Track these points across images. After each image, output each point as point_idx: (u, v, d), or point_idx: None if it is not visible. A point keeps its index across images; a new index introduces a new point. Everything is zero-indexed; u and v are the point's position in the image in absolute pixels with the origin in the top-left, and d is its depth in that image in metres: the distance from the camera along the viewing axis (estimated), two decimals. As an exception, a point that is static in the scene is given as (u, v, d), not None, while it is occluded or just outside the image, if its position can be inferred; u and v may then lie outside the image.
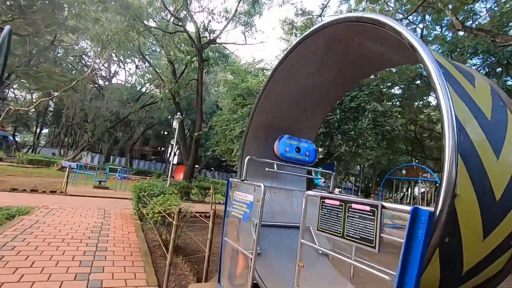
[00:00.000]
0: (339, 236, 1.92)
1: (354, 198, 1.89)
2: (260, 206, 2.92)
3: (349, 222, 1.86)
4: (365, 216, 1.77)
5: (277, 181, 4.38)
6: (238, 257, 3.43)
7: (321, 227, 2.09)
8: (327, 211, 2.06)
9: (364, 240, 1.74)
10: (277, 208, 4.01)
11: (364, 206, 1.78)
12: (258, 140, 4.17)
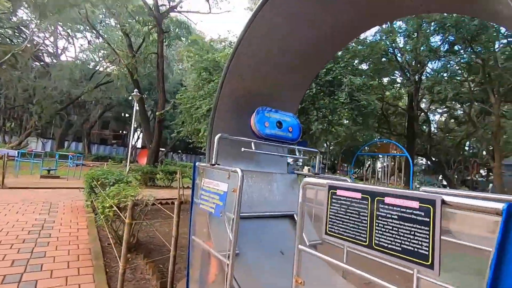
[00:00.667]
0: (363, 245, 1.28)
1: (385, 188, 1.24)
2: (237, 197, 2.21)
3: (381, 226, 1.22)
4: (410, 218, 1.13)
5: (254, 164, 3.68)
6: (210, 261, 2.74)
7: (332, 230, 1.44)
8: (341, 208, 1.40)
9: (411, 255, 1.11)
10: (256, 196, 3.34)
11: (409, 202, 1.13)
12: (230, 113, 3.39)
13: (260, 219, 3.26)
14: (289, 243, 3.26)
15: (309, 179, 1.66)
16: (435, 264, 1.03)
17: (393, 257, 1.16)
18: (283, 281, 2.71)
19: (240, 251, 2.76)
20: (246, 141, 2.96)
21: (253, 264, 2.74)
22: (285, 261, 2.97)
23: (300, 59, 3.31)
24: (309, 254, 3.25)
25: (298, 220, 1.68)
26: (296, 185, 3.79)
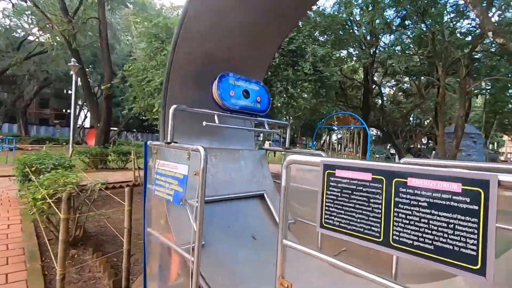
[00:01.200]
0: (376, 241, 0.96)
1: (408, 166, 0.91)
2: (200, 181, 1.80)
3: (402, 217, 0.90)
4: (448, 205, 0.81)
5: (218, 140, 3.23)
6: (171, 257, 2.32)
7: (330, 222, 1.10)
8: (343, 193, 1.06)
9: (449, 256, 0.81)
10: (221, 177, 2.93)
11: (447, 184, 0.81)
12: (187, 82, 2.85)
13: (227, 202, 2.89)
14: (260, 225, 2.97)
15: (295, 157, 1.29)
16: (488, 268, 0.74)
17: (420, 258, 0.86)
18: (258, 270, 2.42)
19: (206, 242, 2.38)
20: (208, 113, 2.49)
21: (222, 255, 2.39)
22: (258, 247, 2.68)
23: (266, 17, 2.82)
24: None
25: (281, 210, 1.32)
26: (265, 162, 3.46)
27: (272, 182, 3.39)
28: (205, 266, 2.19)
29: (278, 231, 1.34)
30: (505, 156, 43.92)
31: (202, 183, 1.81)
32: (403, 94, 26.30)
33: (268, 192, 3.23)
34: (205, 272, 2.15)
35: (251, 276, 2.28)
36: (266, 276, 2.34)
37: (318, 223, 1.13)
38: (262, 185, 3.24)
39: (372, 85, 19.73)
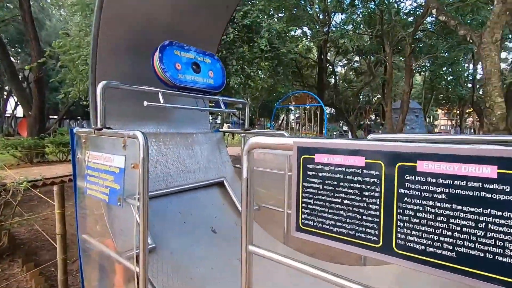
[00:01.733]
0: (373, 247, 0.71)
1: (417, 145, 0.65)
2: (142, 174, 1.42)
3: (411, 214, 0.66)
4: (477, 197, 0.58)
5: (167, 123, 2.79)
6: (113, 266, 1.93)
7: (308, 223, 0.83)
8: (325, 185, 0.79)
9: (480, 267, 0.58)
10: (172, 166, 2.54)
11: (475, 166, 0.57)
12: (121, 50, 2.34)
13: (182, 194, 2.53)
14: (221, 216, 2.68)
15: (259, 139, 0.98)
16: (538, 283, 0.52)
17: (436, 270, 0.63)
18: (220, 268, 2.14)
19: (158, 243, 2.02)
20: (151, 91, 2.05)
21: (178, 256, 2.05)
22: (219, 241, 2.39)
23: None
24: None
25: (243, 207, 1.02)
26: (223, 146, 3.12)
27: (232, 167, 3.08)
28: (157, 273, 1.85)
29: (241, 232, 1.04)
30: (439, 128, 49.00)
31: (143, 177, 1.44)
32: (354, 73, 27.41)
33: (228, 179, 2.92)
34: (156, 280, 1.81)
35: (212, 277, 1.99)
36: (229, 274, 2.08)
37: (293, 225, 0.86)
38: (221, 172, 2.92)
39: (326, 64, 20.12)
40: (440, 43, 15.54)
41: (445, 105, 29.47)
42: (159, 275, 1.84)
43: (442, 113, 45.36)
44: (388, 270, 2.11)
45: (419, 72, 20.23)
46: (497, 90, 6.86)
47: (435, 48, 15.53)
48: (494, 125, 6.88)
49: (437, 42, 15.59)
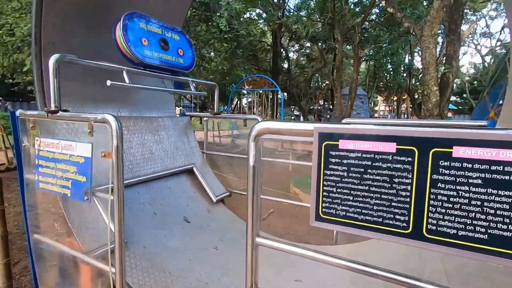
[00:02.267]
0: (402, 234, 0.71)
1: (451, 131, 0.65)
2: (116, 164, 1.26)
3: (443, 199, 0.66)
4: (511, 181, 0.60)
5: (127, 106, 2.52)
6: (78, 269, 1.71)
7: (331, 211, 0.80)
8: (350, 172, 0.76)
9: (508, 245, 0.61)
10: (137, 153, 2.31)
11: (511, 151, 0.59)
12: (74, 18, 1.99)
13: (149, 183, 2.34)
14: (193, 204, 2.56)
15: (268, 124, 0.90)
16: None
17: (467, 252, 0.65)
18: (198, 259, 2.05)
19: (130, 238, 1.85)
20: (114, 69, 1.80)
21: (151, 251, 1.90)
22: (193, 231, 2.29)
23: None
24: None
25: (249, 198, 0.95)
26: (191, 130, 2.95)
27: (201, 153, 2.94)
28: (131, 270, 1.70)
29: (247, 224, 0.97)
30: (378, 113, 53.60)
31: (118, 167, 1.26)
32: (306, 59, 28.19)
33: (197, 165, 2.79)
34: (131, 279, 1.65)
35: (191, 269, 1.90)
36: (208, 264, 2.01)
37: (313, 215, 0.82)
38: (190, 158, 2.77)
39: (280, 49, 20.29)
40: (383, 34, 16.72)
41: (385, 92, 32.20)
42: (133, 272, 1.69)
43: (381, 100, 49.56)
44: (357, 247, 2.25)
45: (366, 60, 21.62)
46: (434, 80, 7.67)
47: (380, 39, 16.69)
48: (430, 111, 7.72)
49: (381, 33, 16.75)
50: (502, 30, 24.53)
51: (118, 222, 1.31)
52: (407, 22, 8.06)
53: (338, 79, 16.17)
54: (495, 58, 20.96)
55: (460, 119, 22.14)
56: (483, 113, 8.98)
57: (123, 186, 1.32)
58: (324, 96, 33.80)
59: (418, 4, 13.50)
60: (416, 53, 19.83)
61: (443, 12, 7.40)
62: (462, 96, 25.83)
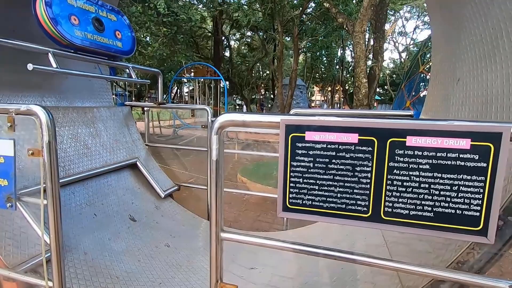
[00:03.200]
0: (363, 218, 0.77)
1: (408, 122, 0.72)
2: (48, 163, 1.10)
3: (398, 185, 0.74)
4: (453, 165, 0.69)
5: (54, 95, 2.18)
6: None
7: (297, 201, 0.82)
8: (316, 162, 0.79)
9: (448, 221, 0.71)
10: (70, 149, 2.04)
11: (454, 140, 0.68)
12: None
13: (86, 182, 2.09)
14: (138, 202, 2.39)
15: (231, 116, 0.87)
16: (490, 228, 0.68)
17: (417, 229, 0.74)
18: (147, 261, 1.93)
19: (67, 245, 1.64)
20: (37, 50, 1.52)
21: (95, 255, 1.72)
22: (140, 230, 2.14)
23: None
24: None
25: (212, 193, 0.91)
26: (132, 122, 2.71)
27: (145, 146, 2.74)
28: (71, 281, 1.51)
29: (210, 219, 0.94)
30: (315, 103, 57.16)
31: (52, 167, 1.10)
32: (247, 48, 28.24)
33: (141, 159, 2.59)
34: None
35: (141, 270, 1.78)
36: (160, 262, 1.91)
37: (280, 206, 0.83)
38: (132, 152, 2.55)
39: (222, 37, 19.90)
40: (319, 27, 17.70)
41: (320, 83, 34.41)
42: (74, 283, 1.50)
43: (318, 90, 52.78)
44: (306, 231, 2.40)
45: (304, 52, 22.63)
46: (363, 72, 8.45)
47: (316, 32, 17.62)
48: (360, 101, 8.52)
49: (317, 27, 17.69)
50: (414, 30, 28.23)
51: (54, 228, 1.15)
52: (341, 17, 8.65)
53: (279, 69, 16.64)
54: (409, 55, 24.08)
55: (383, 108, 25.08)
56: (401, 103, 10.28)
57: (58, 188, 1.15)
58: (266, 86, 34.54)
59: (349, 1, 14.59)
60: (347, 47, 21.55)
61: (371, 10, 8.13)
62: (384, 87, 29.15)
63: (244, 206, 4.42)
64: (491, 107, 1.13)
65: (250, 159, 7.28)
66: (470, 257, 0.91)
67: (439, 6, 1.74)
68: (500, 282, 0.72)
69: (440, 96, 1.70)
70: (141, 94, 34.80)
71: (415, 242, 1.41)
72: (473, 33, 1.35)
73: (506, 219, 0.86)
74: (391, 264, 0.81)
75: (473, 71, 1.31)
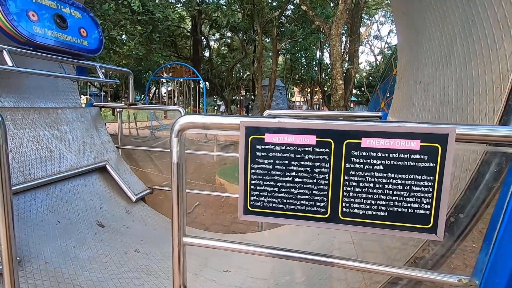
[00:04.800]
0: (321, 219, 0.78)
1: (362, 124, 0.73)
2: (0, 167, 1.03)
3: (354, 185, 0.75)
4: (405, 166, 0.72)
5: (13, 95, 2.05)
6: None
7: (258, 204, 0.82)
8: (276, 165, 0.79)
9: (401, 219, 0.74)
10: (30, 153, 1.92)
11: (405, 141, 0.70)
12: None
13: (50, 187, 1.99)
14: (107, 206, 2.30)
15: (192, 118, 0.85)
16: (439, 226, 0.71)
17: (373, 229, 0.75)
18: (119, 265, 1.86)
19: (25, 255, 1.54)
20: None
21: (58, 265, 1.63)
22: (109, 236, 2.06)
23: None
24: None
25: (174, 197, 0.89)
26: (101, 124, 2.61)
27: (115, 148, 2.65)
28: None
29: (172, 225, 0.92)
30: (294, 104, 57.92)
31: (2, 172, 1.03)
32: (227, 49, 28.14)
33: (111, 162, 2.50)
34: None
35: (109, 277, 1.71)
36: (129, 268, 1.84)
37: (241, 208, 0.82)
38: (101, 154, 2.45)
39: (201, 37, 19.70)
40: (298, 30, 17.96)
41: (300, 84, 34.92)
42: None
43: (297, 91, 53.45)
44: (280, 231, 2.41)
45: (284, 54, 22.86)
46: (339, 74, 8.66)
47: (295, 34, 17.86)
48: (337, 102, 8.73)
49: (296, 29, 17.94)
50: (389, 34, 29.35)
51: (6, 238, 1.08)
52: (318, 20, 8.82)
53: (258, 70, 16.70)
54: (384, 58, 24.99)
55: (360, 109, 25.85)
56: (376, 104, 10.64)
57: (10, 195, 1.08)
58: (246, 87, 34.55)
59: (326, 5, 14.92)
60: (325, 49, 22.01)
61: (346, 14, 8.36)
62: (361, 89, 30.06)
63: (222, 208, 4.38)
64: (447, 109, 1.18)
65: (229, 161, 7.24)
66: (425, 253, 0.95)
67: (403, 13, 1.81)
68: (450, 277, 0.76)
69: (405, 98, 1.77)
70: (118, 95, 33.71)
71: (381, 238, 1.45)
72: (432, 38, 1.42)
73: (457, 216, 0.90)
74: (352, 263, 0.83)
75: (432, 74, 1.37)
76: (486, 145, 0.73)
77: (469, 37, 1.07)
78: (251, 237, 2.50)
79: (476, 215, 0.87)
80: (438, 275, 0.77)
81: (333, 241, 1.80)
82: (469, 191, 0.89)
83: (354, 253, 1.55)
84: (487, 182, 0.86)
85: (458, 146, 0.70)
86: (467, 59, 1.08)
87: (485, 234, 0.75)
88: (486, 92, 0.93)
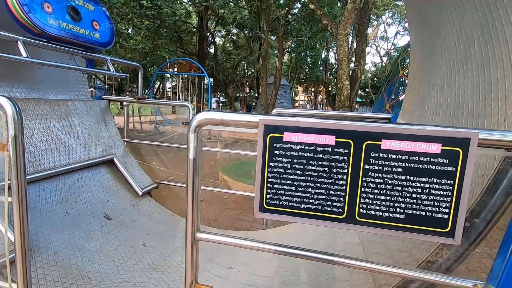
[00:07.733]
0: (338, 219, 0.78)
1: (382, 125, 0.73)
2: (13, 158, 1.05)
3: (372, 187, 0.75)
4: (424, 169, 0.71)
5: (24, 86, 2.07)
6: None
7: (274, 202, 0.82)
8: (293, 163, 0.79)
9: (418, 222, 0.74)
10: (40, 144, 1.94)
11: (426, 144, 0.70)
12: None
13: (59, 178, 2.00)
14: (114, 199, 2.31)
15: (209, 114, 0.85)
16: (457, 230, 0.71)
17: (389, 230, 0.75)
18: (125, 258, 1.88)
19: (35, 245, 1.56)
20: (5, 38, 1.44)
21: (66, 256, 1.65)
22: (116, 229, 2.07)
23: None
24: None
25: (189, 192, 0.90)
26: (110, 116, 2.62)
27: (123, 142, 2.66)
28: (38, 282, 1.44)
29: (186, 220, 0.92)
30: (298, 103, 57.83)
31: (18, 162, 1.05)
32: (232, 46, 28.07)
33: (119, 156, 2.51)
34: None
35: (116, 270, 1.72)
36: (135, 262, 1.85)
37: (257, 206, 0.82)
38: (109, 148, 2.47)
39: (207, 33, 19.66)
40: (304, 28, 17.88)
41: (304, 84, 34.79)
42: (41, 284, 1.43)
43: (301, 90, 53.31)
44: (285, 229, 2.42)
45: (289, 52, 22.77)
46: (345, 75, 8.62)
47: (301, 33, 17.79)
48: (342, 102, 8.70)
49: (302, 28, 17.86)
50: (395, 36, 29.14)
51: (20, 227, 1.09)
52: (326, 19, 8.77)
53: (264, 68, 16.67)
54: (390, 60, 24.83)
55: (364, 110, 25.73)
56: (381, 105, 10.58)
57: (25, 184, 1.09)
58: (250, 85, 34.47)
59: (334, 4, 14.83)
60: (331, 49, 21.91)
61: (355, 14, 8.31)
62: (365, 90, 29.93)
63: (225, 205, 4.39)
64: (462, 113, 1.18)
65: (233, 157, 7.25)
66: (438, 257, 0.94)
67: (417, 14, 1.80)
68: (466, 282, 0.76)
69: (416, 101, 1.76)
70: (122, 88, 33.78)
71: (390, 241, 1.45)
72: (447, 41, 1.41)
73: (472, 221, 0.90)
74: (364, 264, 0.83)
75: (447, 77, 1.36)
76: (505, 150, 0.73)
77: (488, 41, 1.06)
78: (255, 235, 2.51)
79: (492, 220, 0.87)
80: (453, 279, 0.77)
81: (341, 241, 1.80)
82: (486, 196, 0.88)
83: (363, 254, 1.55)
84: (505, 188, 0.85)
85: (477, 151, 0.69)
86: (486, 64, 1.07)
87: (502, 240, 0.74)
88: (505, 98, 0.92)
